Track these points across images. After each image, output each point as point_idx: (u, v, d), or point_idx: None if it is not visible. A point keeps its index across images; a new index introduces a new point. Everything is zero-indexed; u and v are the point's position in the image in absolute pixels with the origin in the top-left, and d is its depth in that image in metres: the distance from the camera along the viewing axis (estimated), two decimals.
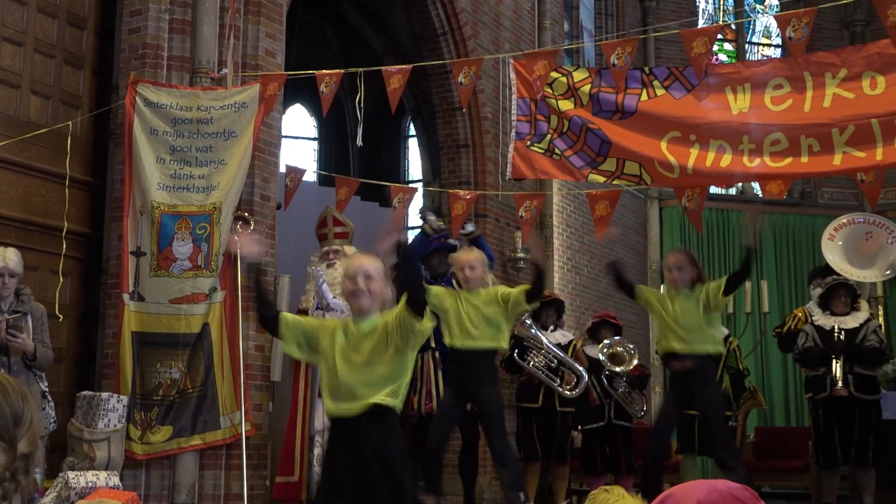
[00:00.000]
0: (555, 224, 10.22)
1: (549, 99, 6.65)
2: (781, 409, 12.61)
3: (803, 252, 13.13)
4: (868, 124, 5.84)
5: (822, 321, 7.33)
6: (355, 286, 3.67)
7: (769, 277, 12.44)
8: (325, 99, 6.80)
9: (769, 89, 6.13)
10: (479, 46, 9.26)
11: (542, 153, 6.75)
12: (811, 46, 12.60)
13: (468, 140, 9.25)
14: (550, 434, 7.94)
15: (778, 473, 9.15)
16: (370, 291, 3.67)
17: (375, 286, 3.68)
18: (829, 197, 13.41)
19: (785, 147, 6.05)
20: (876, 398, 7.18)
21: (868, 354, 7.09)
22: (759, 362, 12.24)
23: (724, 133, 6.20)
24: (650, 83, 6.39)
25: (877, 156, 5.85)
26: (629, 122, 6.48)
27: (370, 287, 3.67)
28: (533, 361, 7.79)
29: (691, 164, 6.28)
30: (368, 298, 3.67)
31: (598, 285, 11.23)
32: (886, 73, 5.86)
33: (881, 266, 8.63)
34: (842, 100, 5.94)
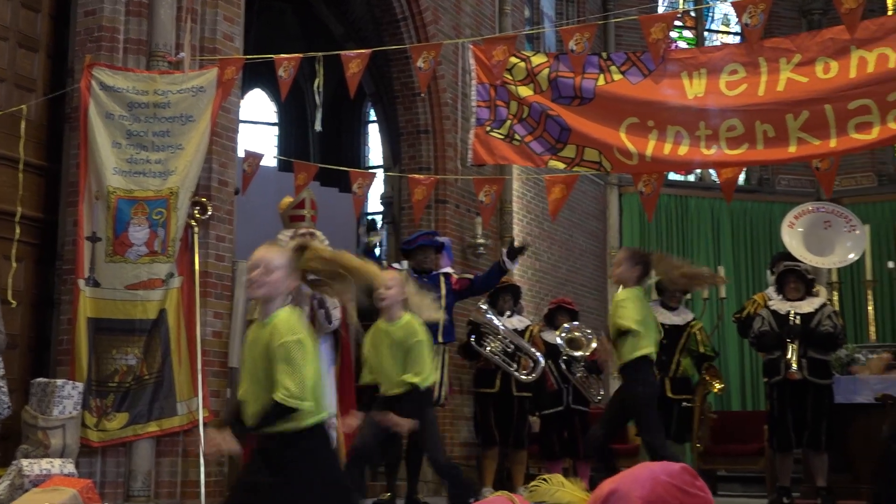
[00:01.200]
0: (514, 210, 10.25)
1: (509, 85, 6.65)
2: (738, 393, 12.75)
3: (760, 239, 13.27)
4: (822, 110, 5.90)
5: (778, 306, 7.43)
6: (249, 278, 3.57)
7: (726, 263, 12.57)
8: (283, 83, 6.76)
9: (724, 74, 6.17)
10: (440, 32, 9.25)
11: (502, 139, 6.75)
12: (770, 34, 12.70)
13: (428, 125, 9.24)
14: (508, 419, 7.98)
15: (734, 457, 9.24)
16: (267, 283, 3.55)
17: (273, 277, 3.56)
18: (786, 184, 13.55)
19: (741, 133, 6.10)
20: (829, 382, 7.28)
21: (822, 339, 7.19)
22: (716, 347, 12.34)
23: (680, 118, 6.24)
24: (607, 68, 6.41)
25: (831, 143, 5.91)
26: (588, 108, 6.49)
27: (267, 279, 3.55)
28: (490, 347, 7.82)
29: (650, 152, 6.31)
30: (263, 289, 3.55)
31: (557, 271, 11.28)
32: (839, 58, 5.92)
33: (839, 253, 8.73)
34: (796, 84, 5.99)
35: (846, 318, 11.45)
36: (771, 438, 7.47)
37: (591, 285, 12.16)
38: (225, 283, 6.72)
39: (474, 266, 9.33)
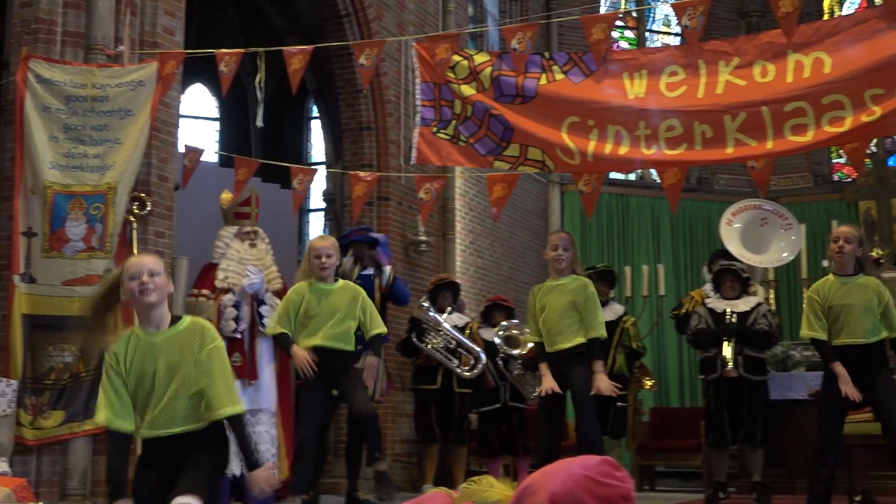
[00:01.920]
0: (457, 207, 10.27)
1: (452, 83, 6.66)
2: (676, 389, 12.91)
3: (699, 237, 13.44)
4: (759, 112, 5.99)
5: (715, 304, 7.53)
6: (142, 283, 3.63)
7: (666, 261, 12.71)
8: (224, 79, 6.71)
9: (664, 76, 6.24)
10: (383, 29, 9.23)
11: (448, 140, 6.76)
12: (710, 35, 12.88)
13: (371, 122, 9.23)
14: (449, 416, 8.01)
15: (672, 453, 9.39)
16: (157, 287, 3.66)
17: (161, 281, 3.68)
18: (724, 183, 13.74)
19: (680, 133, 6.17)
20: (764, 379, 7.40)
21: (758, 337, 7.31)
22: (655, 344, 12.50)
23: (621, 118, 6.30)
24: (550, 68, 6.45)
25: (767, 145, 6.01)
26: (530, 106, 6.52)
27: (156, 283, 3.66)
28: (431, 343, 7.84)
29: (591, 151, 6.36)
30: (157, 294, 3.66)
31: (499, 268, 11.33)
32: (776, 61, 6.02)
33: (775, 252, 8.87)
34: (734, 87, 6.08)
35: (782, 315, 11.64)
36: (707, 435, 7.59)
37: (533, 282, 12.12)
38: None
39: (416, 263, 9.35)
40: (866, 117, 5.78)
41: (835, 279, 5.80)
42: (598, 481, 1.91)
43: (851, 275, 5.76)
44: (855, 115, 5.81)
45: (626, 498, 1.98)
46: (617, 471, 1.94)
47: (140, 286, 3.62)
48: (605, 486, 1.92)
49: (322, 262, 5.92)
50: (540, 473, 1.96)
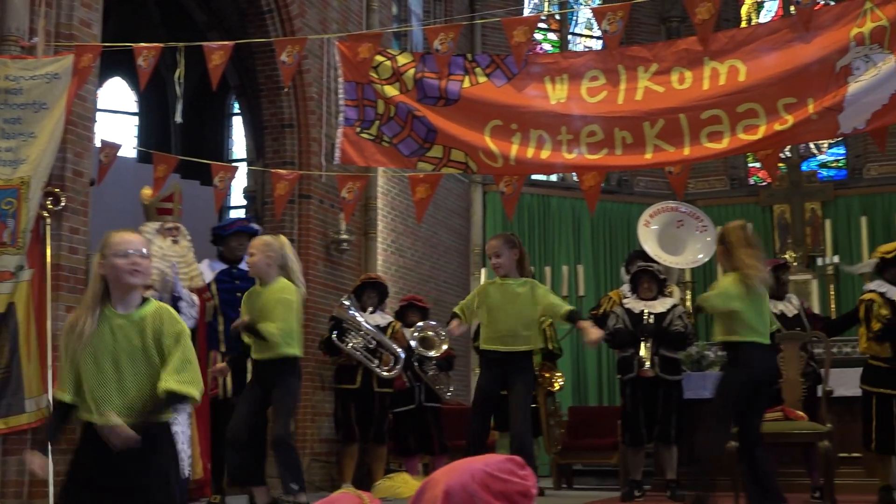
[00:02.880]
0: (379, 206, 10.26)
1: (375, 84, 6.65)
2: (595, 389, 13.07)
3: (619, 238, 13.62)
4: (676, 119, 6.10)
5: (633, 305, 7.67)
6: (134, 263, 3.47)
7: (586, 262, 12.86)
8: (142, 73, 6.60)
9: (585, 80, 6.31)
10: (306, 26, 9.17)
11: (372, 140, 6.75)
12: (631, 40, 13.11)
13: (293, 120, 9.16)
14: (368, 415, 8.01)
15: (590, 451, 9.51)
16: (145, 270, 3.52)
17: (147, 264, 3.54)
18: (644, 185, 13.94)
19: (601, 139, 6.25)
20: (679, 379, 7.56)
21: (673, 338, 7.47)
22: (574, 344, 12.63)
23: (543, 122, 6.35)
24: (472, 70, 6.48)
25: (684, 151, 6.12)
26: (453, 109, 6.54)
27: (145, 266, 3.52)
28: (351, 343, 7.83)
29: (513, 155, 6.40)
30: (143, 277, 3.50)
31: (420, 268, 11.35)
32: (693, 68, 6.13)
33: (691, 253, 9.04)
34: (653, 93, 6.17)
35: (698, 316, 11.85)
36: (624, 433, 7.72)
37: (455, 282, 12.28)
38: (78, 276, 6.52)
39: (337, 262, 9.32)
40: (779, 126, 5.92)
41: None
42: (496, 477, 1.95)
43: None
44: (768, 124, 5.94)
45: (525, 495, 2.02)
46: (521, 469, 1.98)
47: (132, 265, 3.46)
48: (504, 482, 1.97)
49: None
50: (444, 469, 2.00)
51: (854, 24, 5.86)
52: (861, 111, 5.83)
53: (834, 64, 5.86)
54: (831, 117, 5.84)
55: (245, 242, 7.13)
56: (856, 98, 5.80)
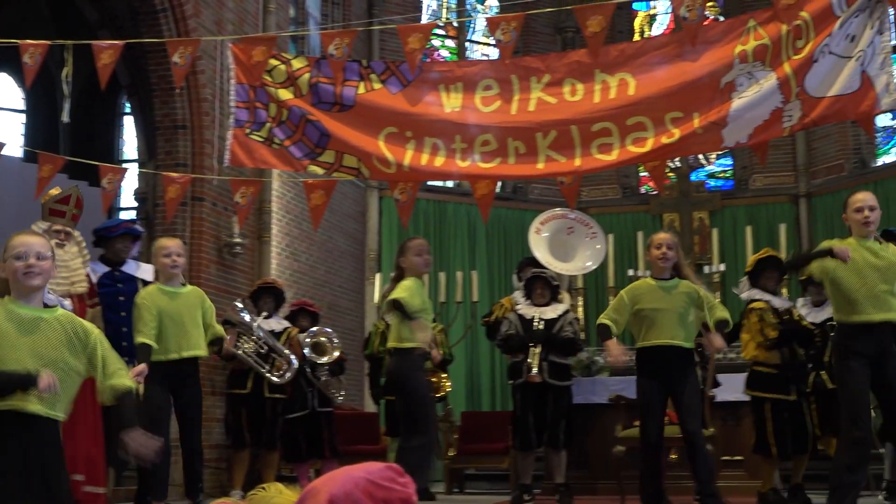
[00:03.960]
0: (274, 210, 10.18)
1: (269, 87, 6.62)
2: (488, 394, 13.16)
3: (514, 245, 13.74)
4: (568, 130, 6.23)
5: (525, 311, 7.77)
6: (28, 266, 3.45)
7: (480, 268, 12.96)
8: (28, 70, 6.45)
9: (480, 90, 6.40)
10: (201, 26, 9.05)
11: (262, 142, 6.72)
12: (528, 49, 13.27)
13: (186, 121, 9.02)
14: (259, 421, 7.94)
15: (482, 456, 9.59)
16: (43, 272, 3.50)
17: (47, 265, 3.53)
18: (538, 193, 14.10)
19: (494, 148, 6.34)
20: (568, 384, 7.68)
21: (563, 344, 7.58)
22: (468, 350, 12.73)
23: (437, 130, 6.41)
24: (367, 76, 6.51)
25: (575, 162, 6.25)
26: (348, 114, 6.56)
27: (43, 267, 3.50)
28: (243, 348, 7.76)
29: (407, 162, 6.45)
30: (42, 278, 3.50)
31: (315, 272, 11.30)
32: (585, 80, 6.26)
33: (581, 260, 9.19)
34: (545, 104, 6.29)
35: (590, 322, 12.05)
36: (514, 438, 7.81)
37: (349, 287, 12.24)
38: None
39: (230, 265, 9.21)
40: (666, 139, 6.09)
41: (654, 283, 6.03)
42: (379, 485, 1.98)
43: (668, 279, 6.00)
44: (656, 137, 6.11)
45: (406, 502, 2.05)
46: (400, 476, 2.02)
47: (26, 268, 3.45)
48: (386, 489, 2.00)
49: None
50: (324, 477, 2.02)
51: (738, 41, 6.07)
52: (744, 126, 6.04)
53: (719, 80, 6.06)
54: (716, 131, 6.04)
55: (130, 245, 7.00)
56: (739, 113, 6.01)
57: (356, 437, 9.42)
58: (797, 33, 6.01)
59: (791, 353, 7.01)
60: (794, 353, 7.01)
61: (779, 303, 7.16)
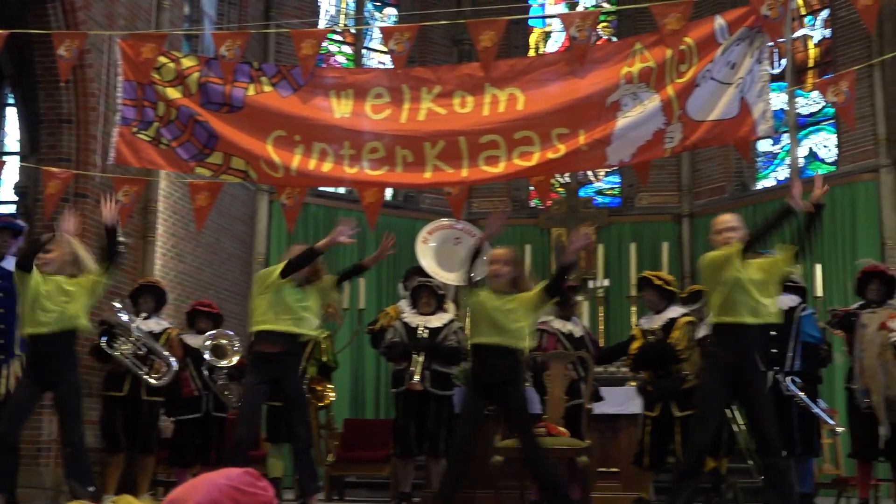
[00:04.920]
0: (160, 210, 10.01)
1: (157, 85, 6.52)
2: (372, 402, 13.16)
3: (404, 253, 13.71)
4: (456, 141, 6.30)
5: (410, 319, 7.81)
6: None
7: (369, 275, 12.91)
8: None
9: (370, 97, 6.42)
10: (91, 19, 8.84)
11: (149, 141, 6.62)
12: (424, 60, 13.34)
13: (72, 115, 8.79)
14: (135, 424, 7.79)
15: (363, 463, 9.56)
16: None
17: None
18: (429, 202, 14.17)
19: (382, 156, 6.37)
20: (450, 394, 7.74)
21: (446, 353, 7.65)
22: (354, 357, 12.71)
23: (326, 136, 6.41)
24: (258, 78, 6.47)
25: (462, 173, 6.32)
26: (236, 116, 6.51)
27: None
28: (120, 349, 7.60)
29: (295, 166, 6.43)
30: None
31: (200, 274, 11.14)
32: (475, 93, 6.35)
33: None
34: (435, 115, 6.35)
35: None
36: (395, 446, 7.83)
37: (235, 290, 12.09)
38: None
39: None
40: (552, 154, 6.21)
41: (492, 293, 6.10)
42: (242, 490, 2.00)
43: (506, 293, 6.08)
44: (542, 151, 6.22)
45: None
46: (259, 481, 2.04)
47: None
48: (249, 494, 2.01)
49: None
50: (186, 485, 2.01)
51: (624, 63, 6.23)
52: (627, 145, 6.20)
53: (605, 99, 6.21)
54: (600, 149, 6.18)
55: (9, 239, 6.84)
56: (623, 132, 6.16)
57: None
58: (681, 58, 6.20)
59: (657, 372, 7.25)
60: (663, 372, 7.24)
61: (645, 322, 7.41)
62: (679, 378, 7.21)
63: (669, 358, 7.18)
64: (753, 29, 6.21)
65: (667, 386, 7.15)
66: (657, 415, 7.17)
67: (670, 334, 7.22)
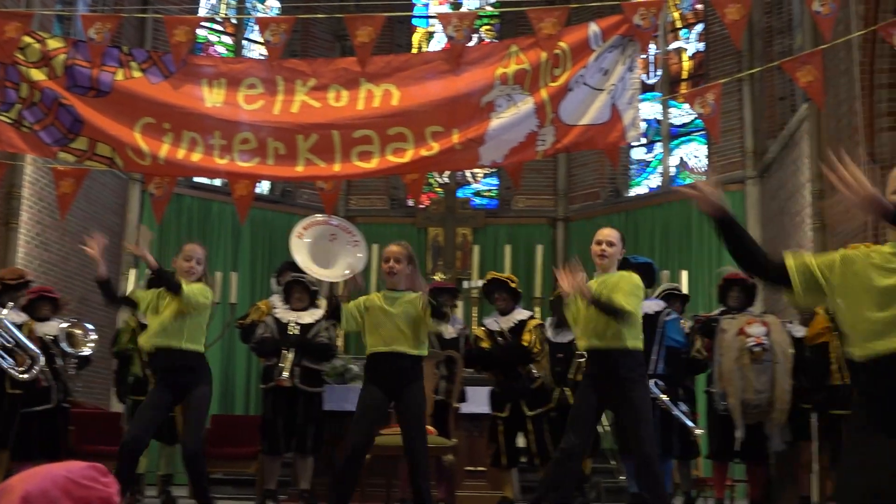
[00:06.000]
0: (25, 196, 9.67)
1: (21, 66, 6.29)
2: (242, 398, 12.98)
3: (278, 248, 13.61)
4: (329, 135, 6.25)
5: (282, 314, 7.72)
6: None
7: (243, 270, 12.79)
8: None
9: (244, 88, 6.33)
10: None
11: (10, 124, 6.37)
12: (306, 54, 13.22)
13: None
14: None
15: (231, 460, 9.40)
16: None
17: None
18: (307, 198, 14.04)
19: (254, 147, 6.28)
20: (319, 391, 7.68)
21: (317, 349, 7.59)
22: (225, 352, 12.51)
23: (197, 125, 6.29)
24: (128, 63, 6.31)
25: (335, 167, 6.28)
26: (104, 101, 6.32)
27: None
28: None
29: (163, 154, 6.28)
30: None
31: (67, 263, 10.81)
32: (350, 88, 6.31)
33: (341, 267, 9.18)
34: (309, 107, 6.29)
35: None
36: (262, 442, 7.73)
37: None
38: None
39: None
40: (425, 151, 6.22)
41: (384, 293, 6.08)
42: (79, 483, 1.93)
43: (402, 290, 6.05)
44: (416, 149, 6.23)
45: (106, 501, 2.01)
46: (103, 476, 1.98)
47: None
48: (86, 488, 1.95)
49: None
50: (23, 474, 1.94)
51: (500, 64, 6.29)
52: (500, 146, 6.26)
53: (479, 99, 6.26)
54: (473, 149, 6.22)
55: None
56: (496, 133, 6.22)
57: (97, 437, 9.04)
58: (556, 62, 6.30)
59: (508, 373, 7.35)
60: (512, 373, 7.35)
61: (492, 323, 7.49)
62: (529, 378, 7.31)
63: (523, 359, 7.29)
64: (626, 37, 6.34)
65: (518, 387, 7.26)
66: (507, 415, 7.27)
67: (521, 336, 7.32)
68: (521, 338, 7.32)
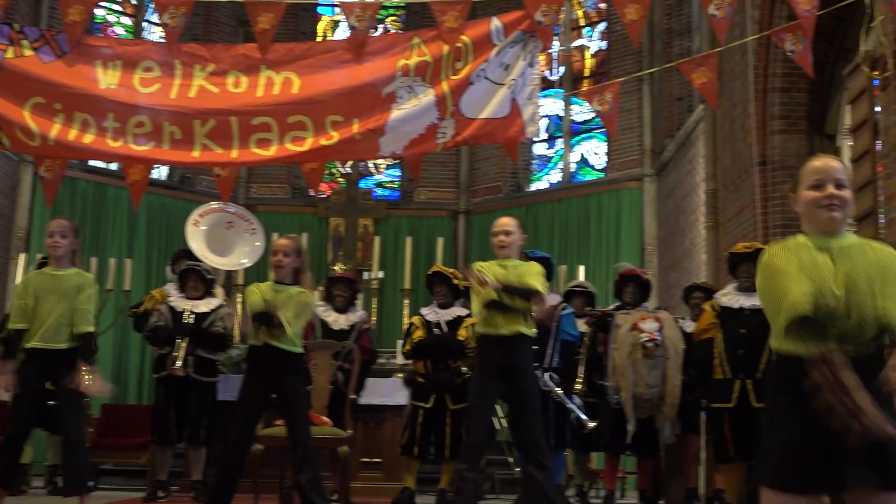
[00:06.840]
0: None
1: None
2: (135, 387, 12.75)
3: (176, 235, 13.36)
4: (227, 121, 6.16)
5: (177, 303, 7.60)
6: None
7: (139, 257, 12.55)
8: None
9: (140, 70, 6.19)
10: None
11: None
12: (209, 38, 13.00)
13: None
14: None
15: (120, 451, 9.23)
16: None
17: None
18: (206, 185, 13.83)
19: (149, 131, 6.15)
20: (213, 381, 7.58)
21: (212, 339, 7.49)
22: (118, 340, 12.28)
23: (90, 106, 6.13)
24: (18, 41, 6.11)
25: (232, 154, 6.19)
26: None
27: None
28: None
29: (54, 136, 6.10)
30: None
31: None
32: (249, 74, 6.23)
33: (238, 255, 9.06)
34: (207, 93, 6.19)
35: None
36: (153, 432, 7.60)
37: None
38: None
39: None
40: (325, 141, 6.17)
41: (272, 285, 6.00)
42: None
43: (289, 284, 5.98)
44: (315, 137, 6.18)
45: None
46: None
47: None
48: None
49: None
50: None
51: (402, 55, 6.28)
52: (400, 137, 6.25)
53: (380, 89, 6.23)
54: (373, 139, 6.20)
55: None
56: (397, 124, 6.21)
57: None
58: (457, 55, 6.31)
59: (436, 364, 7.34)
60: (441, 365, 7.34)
61: (430, 314, 7.48)
62: (457, 373, 7.33)
63: (456, 353, 7.29)
64: (528, 33, 6.38)
65: (445, 379, 7.26)
66: (430, 406, 7.25)
67: (458, 331, 7.33)
68: (457, 332, 7.32)
